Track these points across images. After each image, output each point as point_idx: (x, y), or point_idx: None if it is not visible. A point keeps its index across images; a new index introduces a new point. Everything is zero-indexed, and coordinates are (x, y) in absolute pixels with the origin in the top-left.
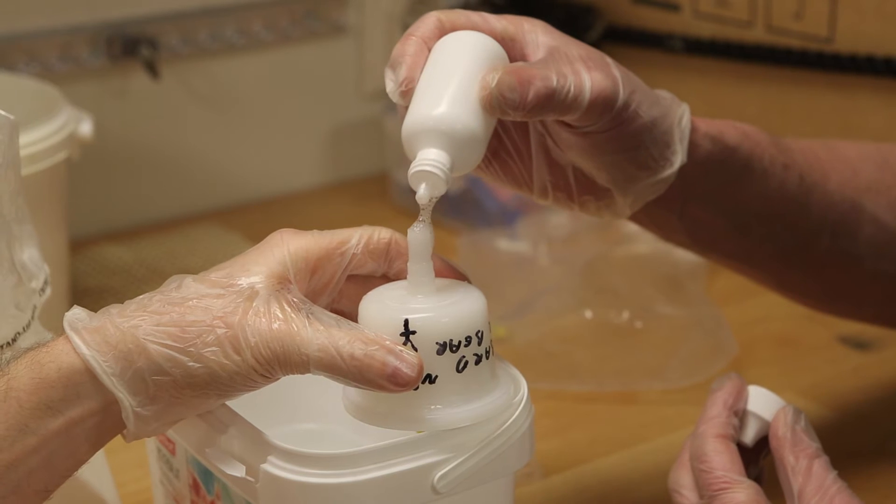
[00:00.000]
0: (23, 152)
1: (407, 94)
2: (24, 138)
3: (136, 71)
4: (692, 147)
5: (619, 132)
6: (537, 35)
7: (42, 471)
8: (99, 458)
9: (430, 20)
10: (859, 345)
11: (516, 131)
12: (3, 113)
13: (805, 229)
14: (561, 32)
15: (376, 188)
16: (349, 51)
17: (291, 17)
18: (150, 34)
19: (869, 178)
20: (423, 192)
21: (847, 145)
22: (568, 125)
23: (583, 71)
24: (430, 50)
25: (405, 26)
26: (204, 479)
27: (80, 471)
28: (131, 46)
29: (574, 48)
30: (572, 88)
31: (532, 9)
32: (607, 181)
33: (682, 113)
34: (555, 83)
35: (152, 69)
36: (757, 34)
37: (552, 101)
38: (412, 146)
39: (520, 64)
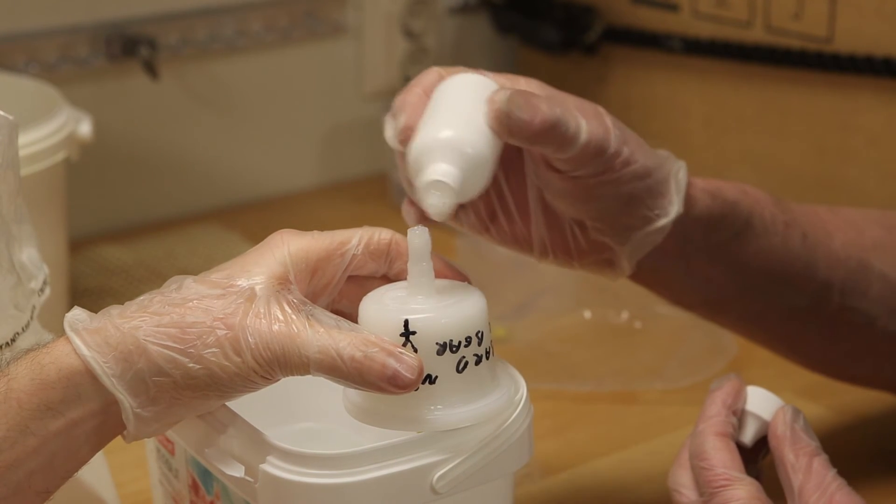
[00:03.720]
0: (22, 152)
1: (405, 142)
2: (24, 138)
3: (136, 71)
4: (691, 201)
5: (609, 178)
6: (532, 89)
7: (42, 472)
8: (98, 458)
9: (431, 73)
10: None
11: (515, 188)
12: (2, 113)
13: (813, 288)
14: (555, 89)
15: (375, 188)
16: (349, 51)
17: (291, 17)
18: (149, 34)
19: (874, 237)
20: (435, 201)
21: (850, 209)
22: (556, 171)
23: (578, 115)
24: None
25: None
26: (203, 480)
27: (79, 471)
28: (130, 46)
29: (570, 98)
30: (572, 124)
31: (532, 9)
32: (603, 231)
33: (678, 167)
34: (559, 113)
35: (151, 69)
36: (756, 34)
37: (555, 131)
38: (420, 163)
39: (526, 90)
